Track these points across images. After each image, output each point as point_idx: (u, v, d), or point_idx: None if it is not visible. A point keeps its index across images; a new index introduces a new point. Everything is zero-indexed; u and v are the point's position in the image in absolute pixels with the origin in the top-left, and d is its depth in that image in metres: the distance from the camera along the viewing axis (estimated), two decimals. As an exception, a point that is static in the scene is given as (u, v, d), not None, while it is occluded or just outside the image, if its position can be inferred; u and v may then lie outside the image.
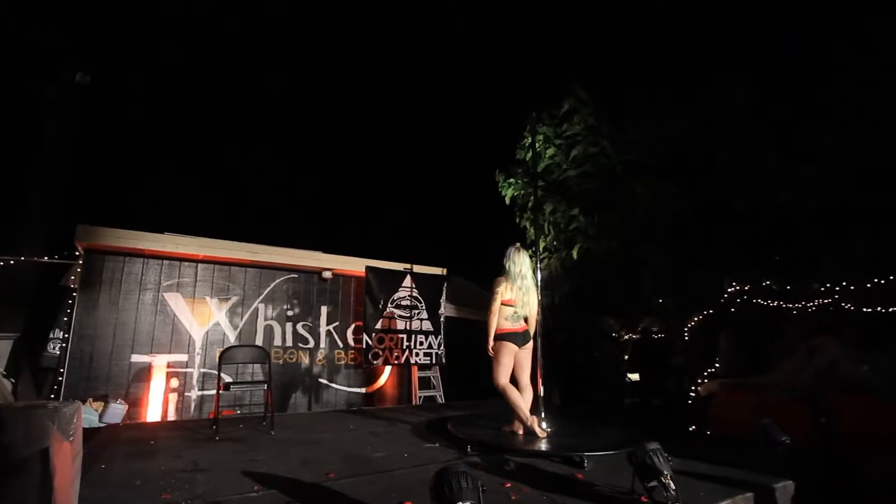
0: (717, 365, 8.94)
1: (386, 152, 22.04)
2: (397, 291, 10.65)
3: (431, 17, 21.84)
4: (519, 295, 5.95)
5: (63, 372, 7.99)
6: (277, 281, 10.03)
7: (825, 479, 4.91)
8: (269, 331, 9.77)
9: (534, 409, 6.06)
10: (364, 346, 10.04)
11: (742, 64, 10.54)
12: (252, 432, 6.61)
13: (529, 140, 10.44)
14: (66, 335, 8.20)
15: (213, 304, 9.36)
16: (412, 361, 10.61)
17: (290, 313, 10.06)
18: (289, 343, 9.93)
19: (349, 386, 10.46)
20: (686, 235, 10.08)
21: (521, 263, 6.03)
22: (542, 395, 6.32)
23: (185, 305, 9.12)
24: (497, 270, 6.12)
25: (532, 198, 9.53)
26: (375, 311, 10.28)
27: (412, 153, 21.96)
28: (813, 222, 8.92)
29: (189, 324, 9.07)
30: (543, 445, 5.52)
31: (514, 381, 6.00)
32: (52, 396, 7.86)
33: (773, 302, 8.69)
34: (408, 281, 10.83)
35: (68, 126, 10.70)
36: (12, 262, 8.62)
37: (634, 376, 12.53)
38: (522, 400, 5.88)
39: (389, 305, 10.49)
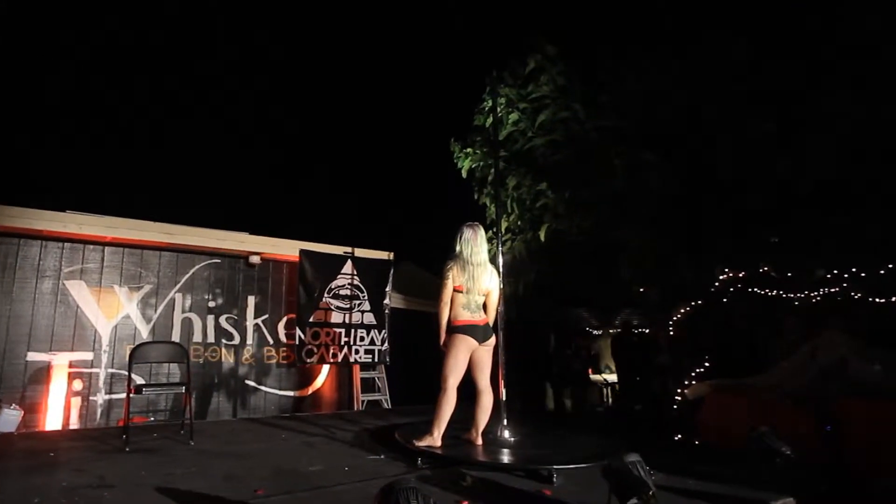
0: (706, 364, 9.04)
1: (324, 119, 21.83)
2: (335, 279, 10.59)
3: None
4: (471, 282, 5.89)
5: (-53, 373, 7.85)
6: (197, 267, 9.89)
7: (831, 496, 4.96)
8: (187, 325, 9.64)
9: (495, 416, 6.06)
10: (297, 342, 9.99)
11: (741, 16, 10.47)
12: (168, 442, 6.53)
13: (489, 103, 10.40)
14: (-49, 330, 8.04)
15: (123, 294, 9.20)
16: (351, 360, 10.58)
17: (211, 304, 9.93)
18: (210, 339, 9.80)
19: (281, 389, 10.39)
20: (671, 214, 10.09)
21: (472, 241, 5.96)
22: (504, 399, 6.30)
23: (90, 295, 8.94)
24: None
25: (493, 170, 9.51)
26: (309, 301, 10.21)
27: (355, 120, 21.78)
28: (816, 195, 8.96)
29: (94, 317, 8.92)
30: (505, 457, 5.54)
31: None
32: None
33: (771, 291, 8.79)
34: (348, 267, 10.76)
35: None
36: None
37: (612, 377, 12.65)
38: (448, 415, 5.78)
39: (326, 295, 10.42)
